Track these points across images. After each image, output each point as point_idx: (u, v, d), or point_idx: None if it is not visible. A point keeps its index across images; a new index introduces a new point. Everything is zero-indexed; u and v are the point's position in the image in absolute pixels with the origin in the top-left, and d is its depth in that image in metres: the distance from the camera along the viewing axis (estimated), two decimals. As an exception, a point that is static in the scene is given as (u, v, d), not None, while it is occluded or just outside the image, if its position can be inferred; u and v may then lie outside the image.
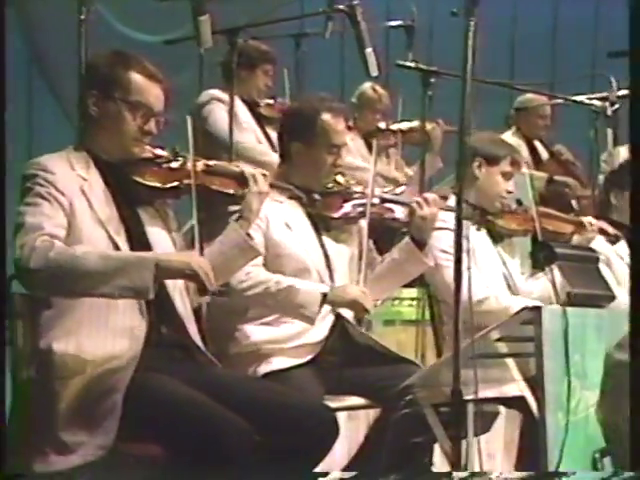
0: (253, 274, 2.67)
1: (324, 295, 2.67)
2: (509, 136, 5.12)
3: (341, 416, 3.01)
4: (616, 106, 3.35)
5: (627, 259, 3.32)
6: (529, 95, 4.83)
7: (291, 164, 2.84)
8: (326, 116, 2.79)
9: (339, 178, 2.88)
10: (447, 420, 2.39)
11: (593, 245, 3.39)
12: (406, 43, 3.81)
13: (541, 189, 4.55)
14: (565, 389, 1.98)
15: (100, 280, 2.09)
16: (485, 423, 2.59)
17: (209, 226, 2.55)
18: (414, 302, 3.51)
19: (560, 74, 5.77)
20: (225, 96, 4.00)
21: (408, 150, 4.75)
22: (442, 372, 2.30)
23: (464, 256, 2.94)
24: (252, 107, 4.19)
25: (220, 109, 3.98)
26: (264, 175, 2.50)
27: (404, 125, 4.65)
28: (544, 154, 5.08)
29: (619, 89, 3.35)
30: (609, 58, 3.23)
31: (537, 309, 2.12)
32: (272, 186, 2.60)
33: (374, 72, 2.79)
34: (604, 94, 3.40)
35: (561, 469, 1.89)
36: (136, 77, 2.29)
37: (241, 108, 4.11)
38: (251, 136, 4.11)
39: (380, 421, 2.63)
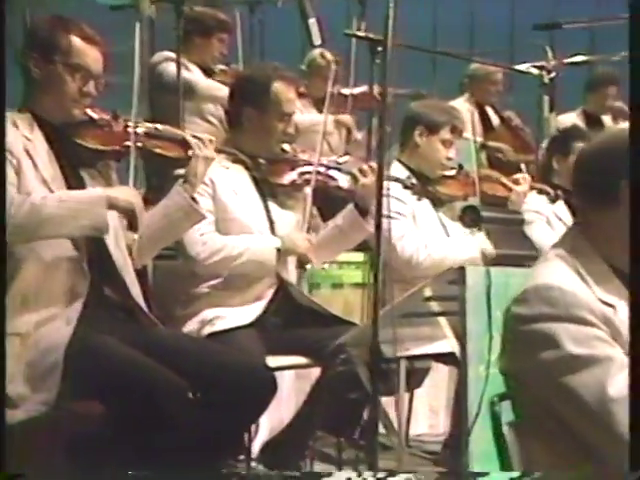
0: (209, 242, 2.74)
1: (278, 250, 2.77)
2: (461, 102, 5.21)
3: (288, 376, 3.15)
4: (552, 74, 3.45)
5: (566, 219, 3.46)
6: (475, 65, 4.92)
7: (241, 130, 2.90)
8: (278, 84, 2.85)
9: (286, 146, 2.95)
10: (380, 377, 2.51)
11: (534, 206, 3.52)
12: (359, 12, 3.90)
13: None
14: (487, 344, 2.09)
15: (61, 222, 2.20)
16: (417, 379, 2.71)
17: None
18: (361, 266, 3.60)
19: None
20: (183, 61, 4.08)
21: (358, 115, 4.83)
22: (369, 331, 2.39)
23: (400, 218, 3.09)
24: (207, 73, 4.23)
25: (174, 67, 4.02)
26: (210, 140, 2.56)
27: (355, 90, 4.72)
28: (495, 120, 5.17)
29: (555, 58, 3.45)
30: (534, 30, 3.33)
31: (461, 269, 2.22)
32: (219, 151, 2.68)
33: (317, 41, 2.84)
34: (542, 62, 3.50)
35: (479, 422, 2.00)
36: (75, 40, 2.35)
37: (196, 71, 4.17)
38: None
39: (319, 379, 2.74)
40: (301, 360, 2.73)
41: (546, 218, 3.47)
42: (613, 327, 1.54)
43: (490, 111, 5.19)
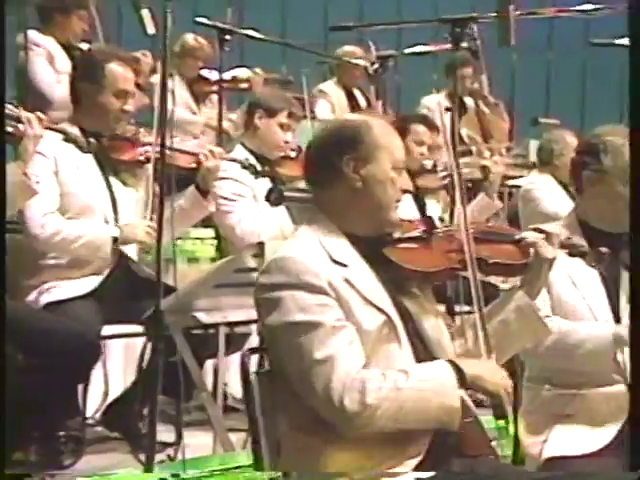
0: (49, 224, 2.86)
1: (115, 239, 2.91)
2: (331, 85, 5.47)
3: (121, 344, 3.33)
4: (375, 66, 3.73)
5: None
6: (346, 48, 5.15)
7: (81, 106, 3.04)
8: (114, 63, 3.01)
9: (128, 127, 3.10)
10: (197, 342, 2.73)
11: None
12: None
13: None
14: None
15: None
16: (237, 344, 2.94)
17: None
18: (214, 241, 3.81)
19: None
20: (42, 39, 4.17)
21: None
22: (189, 299, 2.61)
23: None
24: (69, 50, 4.32)
25: (37, 56, 4.10)
26: (40, 119, 2.70)
27: (227, 74, 4.89)
28: (362, 102, 5.43)
29: (377, 50, 3.72)
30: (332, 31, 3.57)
31: (261, 244, 2.45)
32: (50, 129, 2.81)
33: (151, 30, 3.01)
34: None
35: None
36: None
37: (59, 53, 4.25)
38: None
39: (144, 346, 2.94)
40: (134, 329, 2.92)
41: None
42: (343, 287, 1.77)
43: (358, 93, 5.44)
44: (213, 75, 4.84)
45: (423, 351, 1.86)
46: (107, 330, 2.81)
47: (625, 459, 2.07)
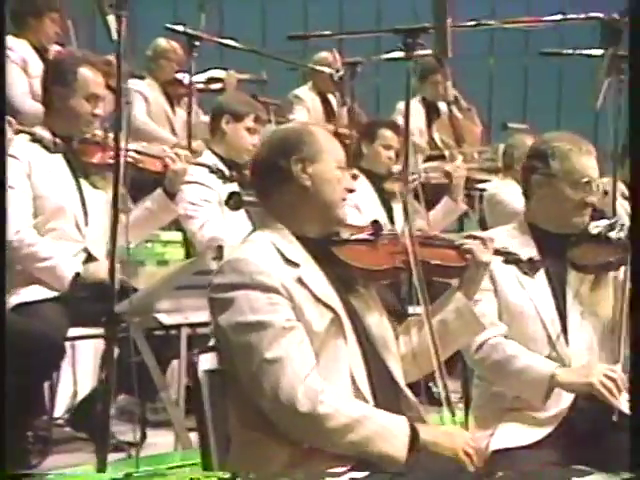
0: (19, 238, 2.88)
1: (77, 274, 2.90)
2: (305, 90, 5.53)
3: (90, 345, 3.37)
4: (341, 72, 3.81)
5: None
6: (322, 54, 5.20)
7: (52, 110, 3.07)
8: (86, 66, 3.06)
9: (97, 130, 3.15)
10: (157, 343, 2.78)
11: None
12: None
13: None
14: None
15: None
16: (199, 345, 2.98)
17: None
18: (183, 244, 3.85)
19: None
20: (15, 43, 4.20)
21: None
22: (150, 300, 2.66)
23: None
24: (42, 53, 4.36)
25: (11, 63, 4.13)
26: (10, 122, 2.74)
27: (201, 75, 4.95)
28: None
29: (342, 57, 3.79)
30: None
31: (220, 247, 2.51)
32: (20, 131, 2.85)
33: (115, 36, 3.05)
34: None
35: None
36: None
37: (32, 57, 4.29)
38: None
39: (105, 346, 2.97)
40: (98, 331, 2.95)
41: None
42: (294, 288, 1.84)
43: (332, 98, 5.48)
44: (188, 78, 4.90)
45: (369, 348, 1.92)
46: (74, 332, 2.85)
47: (563, 451, 2.19)
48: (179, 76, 4.99)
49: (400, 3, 7.87)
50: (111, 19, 3.05)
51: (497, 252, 2.12)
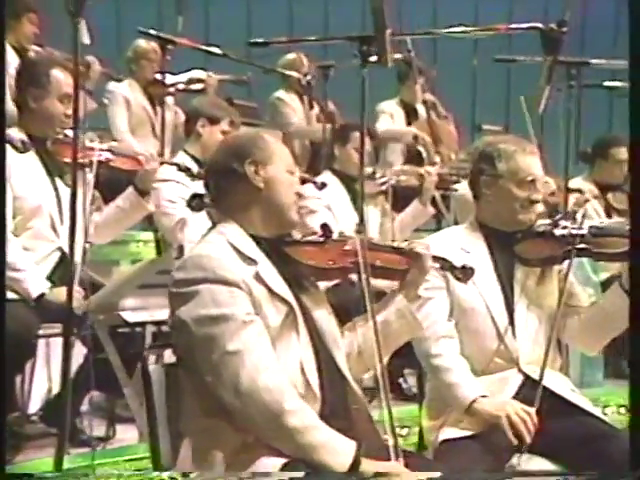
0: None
1: (42, 295, 2.90)
2: (283, 93, 5.58)
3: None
4: (308, 77, 3.88)
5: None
6: (289, 56, 5.25)
7: (25, 111, 3.13)
8: (58, 68, 3.12)
9: (67, 130, 3.21)
10: (122, 340, 2.85)
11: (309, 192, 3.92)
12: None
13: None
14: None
15: None
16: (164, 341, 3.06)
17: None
18: (153, 244, 3.93)
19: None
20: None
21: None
22: (114, 298, 2.73)
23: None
24: (21, 54, 4.41)
25: None
26: None
27: (182, 76, 5.02)
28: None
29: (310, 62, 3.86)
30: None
31: (181, 246, 2.58)
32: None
33: (86, 40, 3.11)
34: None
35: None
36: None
37: (12, 57, 4.34)
38: None
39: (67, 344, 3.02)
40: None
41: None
42: (253, 284, 1.92)
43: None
44: (169, 78, 4.97)
45: (319, 343, 2.00)
46: (43, 330, 2.91)
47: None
48: (160, 76, 5.05)
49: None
50: (81, 23, 3.13)
51: (434, 258, 2.21)
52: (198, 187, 3.45)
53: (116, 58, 5.11)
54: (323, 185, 3.37)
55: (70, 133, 3.18)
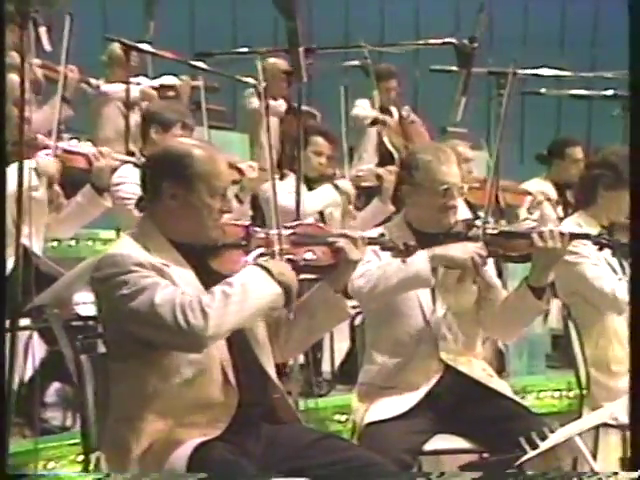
0: None
1: None
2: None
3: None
4: (264, 84, 4.00)
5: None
6: (271, 60, 5.39)
7: None
8: (13, 73, 3.18)
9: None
10: (76, 332, 2.98)
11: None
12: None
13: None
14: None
15: None
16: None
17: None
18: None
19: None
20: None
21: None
22: (67, 293, 2.87)
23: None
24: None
25: None
26: None
27: (154, 81, 5.16)
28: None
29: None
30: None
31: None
32: None
33: (48, 48, 3.25)
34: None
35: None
36: None
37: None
38: None
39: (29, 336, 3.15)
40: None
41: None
42: (168, 277, 2.04)
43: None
44: (144, 82, 5.09)
45: (240, 341, 2.12)
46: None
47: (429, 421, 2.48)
48: (134, 80, 5.18)
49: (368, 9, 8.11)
50: (42, 31, 3.29)
51: (372, 241, 2.28)
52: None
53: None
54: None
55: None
